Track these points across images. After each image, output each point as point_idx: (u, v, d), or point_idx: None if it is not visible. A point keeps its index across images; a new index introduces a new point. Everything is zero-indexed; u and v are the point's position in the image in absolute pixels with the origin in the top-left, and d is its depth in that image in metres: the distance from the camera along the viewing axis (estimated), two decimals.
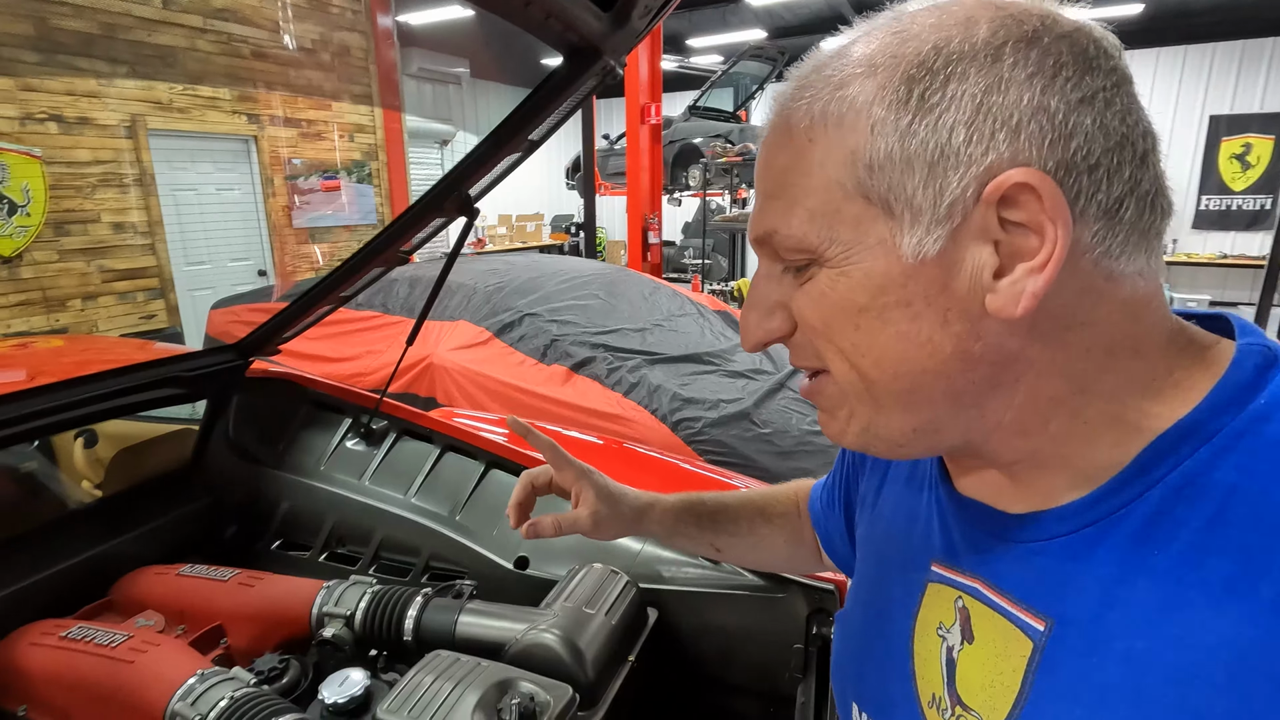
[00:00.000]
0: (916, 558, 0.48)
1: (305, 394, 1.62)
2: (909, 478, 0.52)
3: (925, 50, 0.35)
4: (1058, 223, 0.33)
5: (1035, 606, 0.39)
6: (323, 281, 1.38)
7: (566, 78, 0.99)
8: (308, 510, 1.52)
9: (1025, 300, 0.34)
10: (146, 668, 0.95)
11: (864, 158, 0.36)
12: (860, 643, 0.53)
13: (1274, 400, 0.34)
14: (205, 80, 5.40)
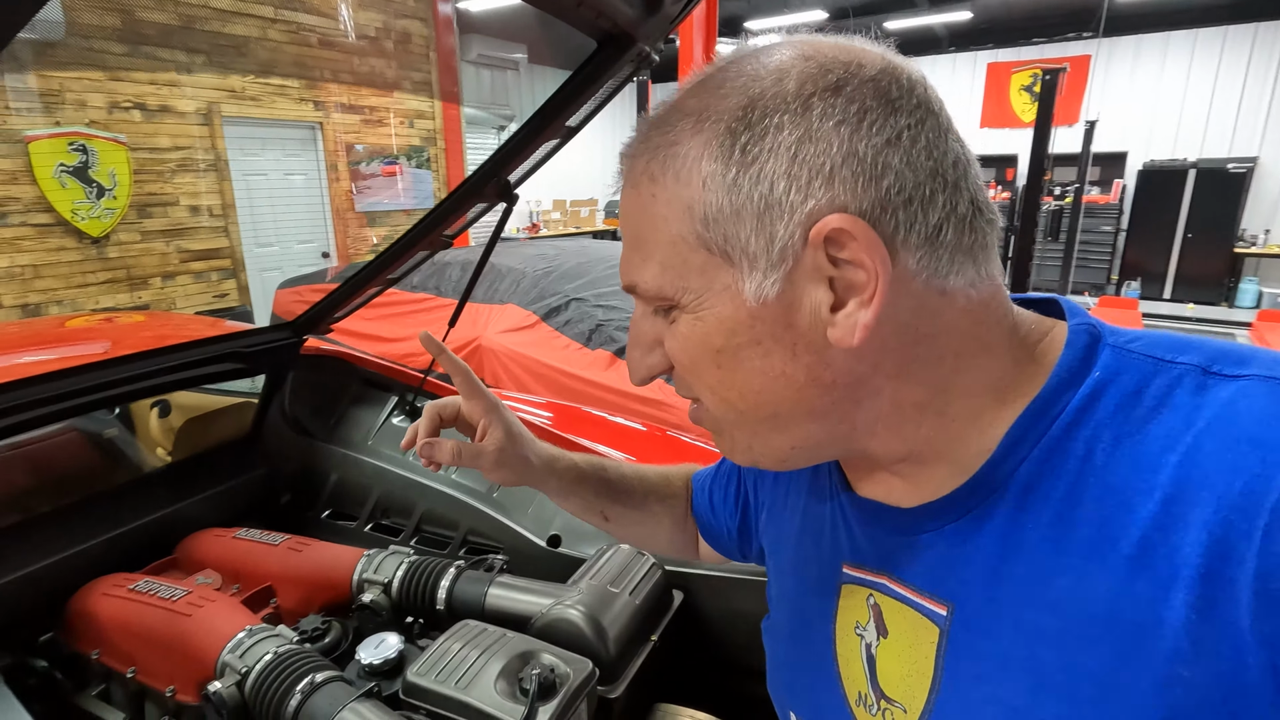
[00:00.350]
0: (829, 563, 0.50)
1: (355, 372, 1.69)
2: (811, 488, 0.54)
3: (742, 103, 0.37)
4: (875, 259, 0.35)
5: (936, 593, 0.41)
6: (371, 264, 1.44)
7: (600, 65, 1.00)
8: (355, 482, 1.59)
9: (859, 331, 0.37)
10: (202, 621, 1.03)
11: (699, 212, 0.38)
12: (788, 651, 0.55)
13: (1105, 374, 0.38)
14: (275, 69, 5.63)
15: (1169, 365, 0.37)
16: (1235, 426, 0.33)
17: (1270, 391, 0.34)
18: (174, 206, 5.27)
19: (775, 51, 0.38)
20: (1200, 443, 0.33)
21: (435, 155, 7.09)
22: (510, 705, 0.88)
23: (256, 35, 5.40)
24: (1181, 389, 0.36)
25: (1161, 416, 0.35)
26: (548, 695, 0.89)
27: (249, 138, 5.71)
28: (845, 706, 0.48)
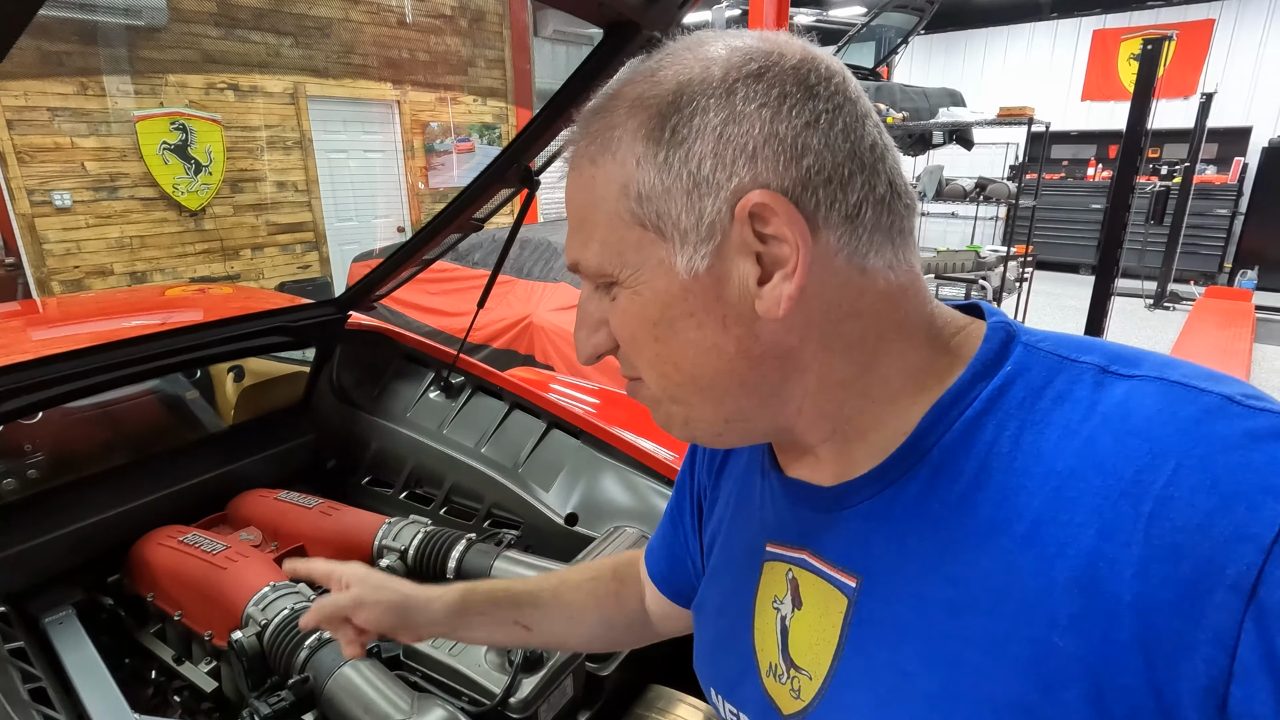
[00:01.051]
0: (754, 542, 0.52)
1: (397, 348, 1.78)
2: (744, 473, 0.56)
3: (671, 90, 0.39)
4: (796, 233, 0.37)
5: (848, 566, 0.44)
6: (406, 245, 1.50)
7: (610, 52, 1.00)
8: (393, 452, 1.68)
9: (784, 303, 0.38)
10: (234, 574, 1.12)
11: (633, 190, 0.40)
12: (713, 628, 0.57)
13: (1016, 368, 0.40)
14: (357, 49, 5.84)
15: (1072, 364, 0.39)
16: (1127, 421, 0.35)
17: (1159, 391, 0.36)
18: (262, 182, 5.60)
19: (705, 44, 0.41)
20: (1095, 434, 0.36)
21: (507, 133, 7.22)
22: (496, 675, 0.92)
23: (339, 16, 5.62)
24: (1081, 385, 0.38)
25: (1062, 409, 0.38)
26: (533, 668, 0.93)
27: (331, 117, 5.98)
28: (757, 678, 0.50)
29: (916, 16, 7.55)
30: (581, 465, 1.49)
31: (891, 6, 7.28)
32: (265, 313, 1.51)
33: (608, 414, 1.87)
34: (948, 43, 10.78)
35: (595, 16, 0.93)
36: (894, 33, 7.95)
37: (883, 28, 7.79)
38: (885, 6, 7.23)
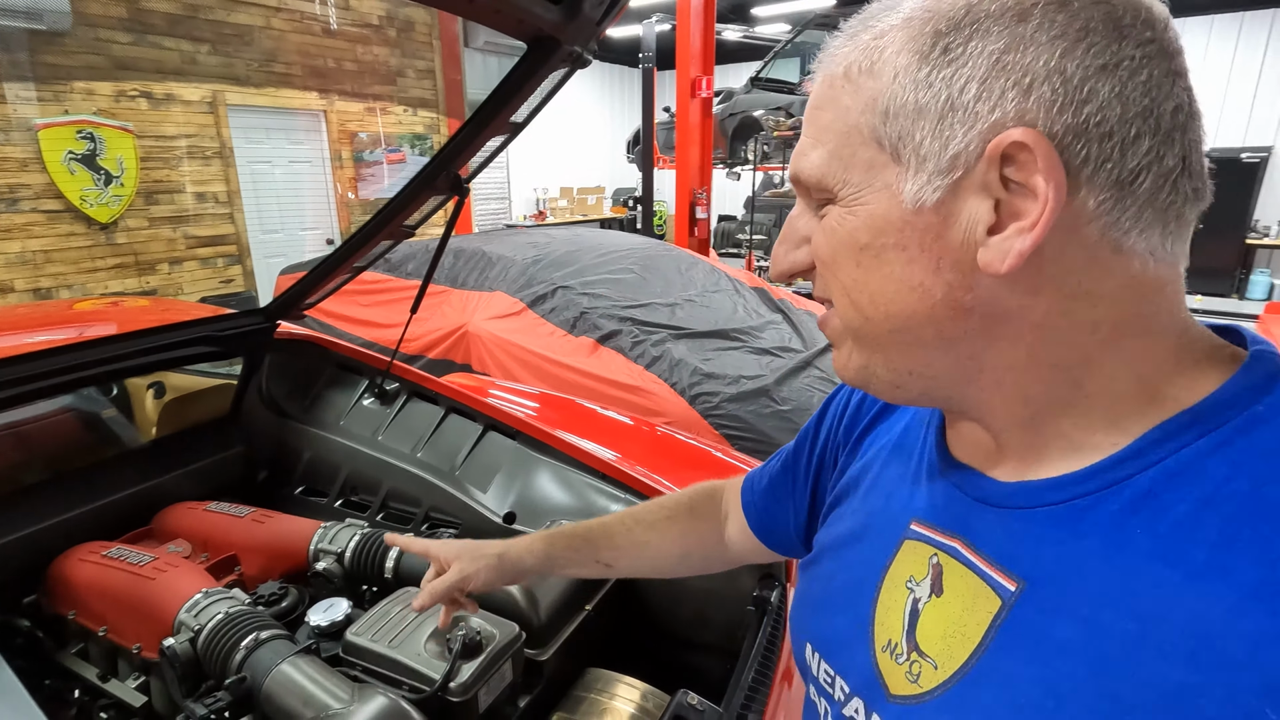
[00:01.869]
0: (897, 516, 0.50)
1: (329, 355, 1.77)
2: (900, 442, 0.54)
3: (959, 6, 0.36)
4: (1050, 184, 0.34)
5: (1010, 569, 0.40)
6: (336, 253, 1.50)
7: (532, 65, 1.05)
8: (326, 460, 1.67)
9: (1011, 258, 0.35)
10: (164, 583, 1.11)
11: (882, 104, 0.38)
12: (824, 588, 0.56)
13: (1276, 406, 0.35)
14: (279, 57, 5.70)
15: None
16: None
17: None
18: (180, 193, 5.38)
19: None
20: None
21: (439, 143, 7.16)
22: (436, 663, 0.95)
23: (260, 24, 5.48)
24: None
25: None
26: (472, 654, 0.96)
27: (253, 126, 5.81)
28: (870, 650, 0.48)
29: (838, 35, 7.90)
30: (519, 465, 1.53)
31: (814, 25, 7.62)
32: (190, 322, 1.48)
33: (546, 417, 1.91)
34: None
35: (516, 32, 0.98)
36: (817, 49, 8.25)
37: (806, 45, 8.12)
38: (808, 24, 7.55)
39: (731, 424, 2.64)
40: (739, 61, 11.71)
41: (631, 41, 9.79)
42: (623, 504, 1.38)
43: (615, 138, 13.06)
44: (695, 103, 5.17)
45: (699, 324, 3.13)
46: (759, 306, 3.57)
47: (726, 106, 7.71)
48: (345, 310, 3.62)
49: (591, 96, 12.59)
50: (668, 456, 1.75)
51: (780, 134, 5.63)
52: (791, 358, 3.05)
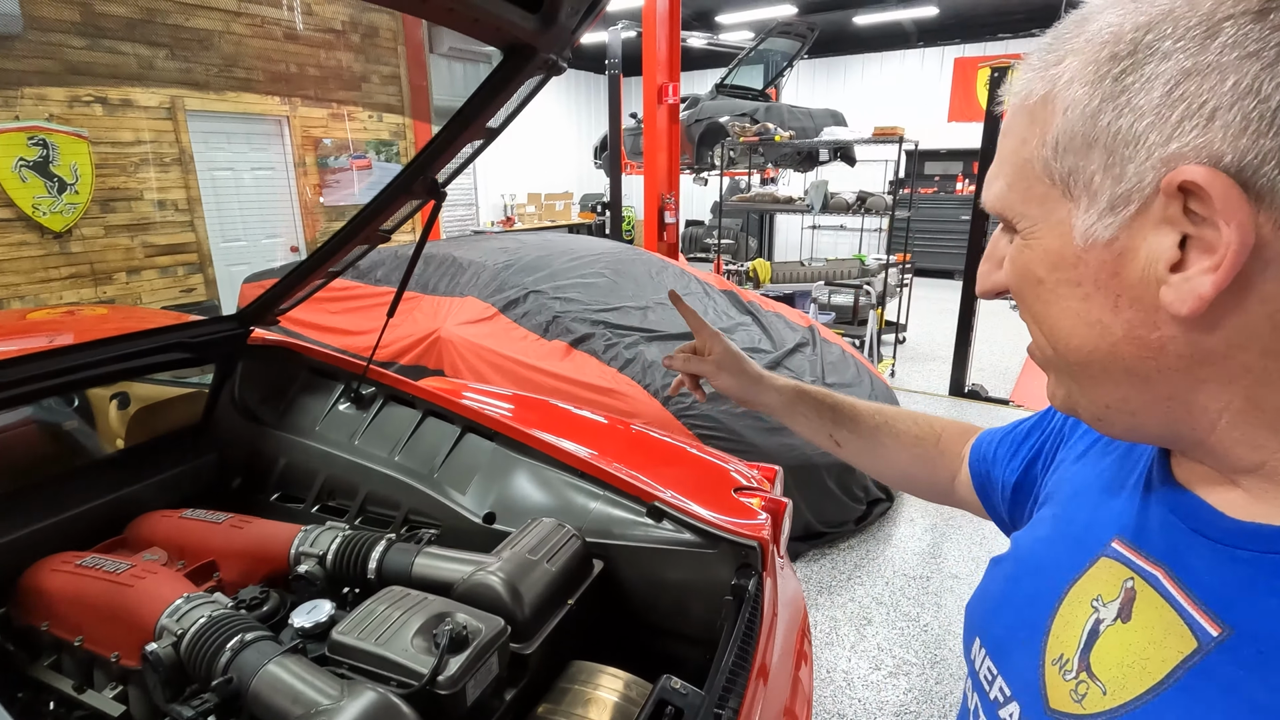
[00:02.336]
0: (1098, 529, 0.47)
1: (303, 361, 1.76)
2: (1123, 454, 0.51)
3: (1140, 25, 0.34)
4: (1231, 225, 0.31)
5: (1217, 612, 0.37)
6: (311, 258, 1.51)
7: (509, 72, 1.08)
8: (303, 466, 1.67)
9: (1191, 301, 0.33)
10: (143, 590, 1.10)
11: (1053, 139, 0.37)
12: (1005, 587, 0.54)
13: None
14: (240, 63, 5.61)
15: None
16: None
17: None
18: (138, 201, 5.25)
19: None
20: None
21: (405, 149, 7.10)
22: (424, 658, 0.96)
23: (220, 29, 5.39)
24: None
25: None
26: (459, 648, 0.98)
27: (214, 132, 5.70)
28: (1039, 660, 0.46)
29: (799, 42, 8.07)
30: (497, 466, 1.54)
31: (776, 32, 7.76)
32: (164, 329, 1.47)
33: (522, 418, 1.92)
34: (829, 67, 11.54)
35: (494, 40, 1.01)
36: (780, 57, 8.45)
37: (769, 52, 8.27)
38: (771, 32, 7.69)
39: (705, 424, 2.68)
40: (704, 68, 11.85)
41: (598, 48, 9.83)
42: (603, 501, 1.41)
43: (582, 144, 13.09)
44: (662, 109, 5.24)
45: (670, 326, 3.18)
46: (729, 309, 3.64)
47: (693, 113, 7.80)
48: (314, 318, 3.59)
49: (558, 102, 12.61)
50: (644, 453, 1.79)
51: (746, 140, 5.73)
52: (761, 358, 3.11)
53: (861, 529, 3.10)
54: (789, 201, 5.90)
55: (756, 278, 5.82)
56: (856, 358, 3.67)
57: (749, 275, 5.79)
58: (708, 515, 1.30)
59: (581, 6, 0.99)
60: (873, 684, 2.25)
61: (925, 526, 3.21)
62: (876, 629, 2.50)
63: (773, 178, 8.65)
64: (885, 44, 10.90)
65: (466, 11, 0.88)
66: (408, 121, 7.03)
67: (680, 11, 5.26)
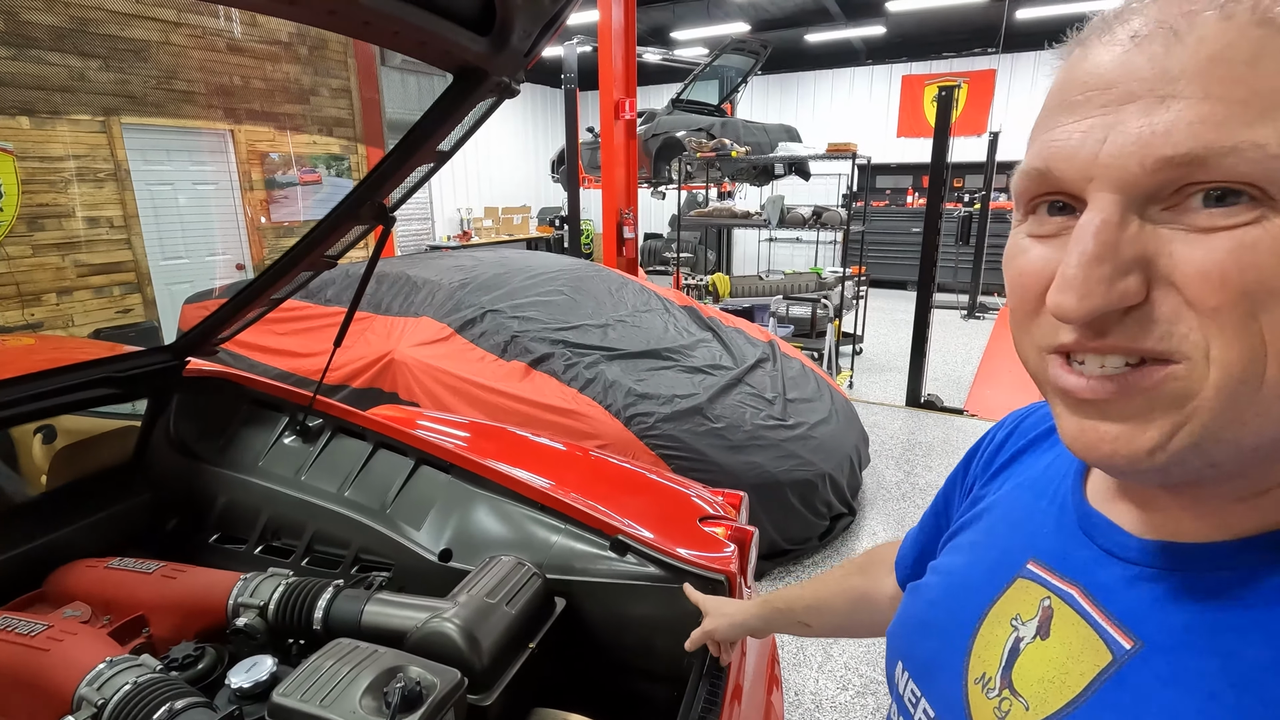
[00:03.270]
0: (1014, 553, 0.49)
1: (244, 392, 1.67)
2: (1036, 481, 0.52)
3: None
4: None
5: (1129, 627, 0.38)
6: (253, 284, 1.43)
7: (459, 95, 1.04)
8: (244, 505, 1.57)
9: None
10: (60, 655, 1.01)
11: None
12: (926, 611, 0.55)
13: None
14: (180, 75, 5.41)
15: None
16: None
17: None
18: (69, 218, 4.99)
19: None
20: None
21: (357, 163, 6.95)
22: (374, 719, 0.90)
23: (158, 39, 5.18)
24: None
25: None
26: (412, 707, 0.91)
27: (153, 147, 5.47)
28: (962, 680, 0.47)
29: (753, 58, 8.20)
30: (453, 500, 1.48)
31: (730, 49, 7.87)
32: (89, 363, 1.37)
33: (478, 447, 1.86)
34: (782, 83, 11.76)
35: (443, 63, 0.97)
36: (734, 73, 8.57)
37: (724, 68, 8.38)
38: (725, 49, 7.79)
39: (667, 444, 2.65)
40: (660, 83, 11.94)
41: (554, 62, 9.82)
42: (564, 535, 1.36)
43: (539, 157, 13.03)
44: (619, 124, 5.23)
45: (631, 344, 3.15)
46: (689, 325, 3.63)
47: (649, 127, 7.84)
48: (260, 340, 3.45)
49: (515, 116, 12.55)
50: (606, 482, 1.74)
51: (703, 155, 5.77)
52: (723, 375, 3.11)
53: (825, 544, 3.10)
54: (747, 216, 5.95)
55: (716, 292, 5.84)
56: (816, 371, 3.70)
57: (708, 290, 5.81)
58: (673, 548, 1.26)
59: (534, 29, 0.95)
60: (841, 705, 2.24)
61: (886, 539, 3.23)
62: (843, 647, 2.50)
63: (730, 191, 8.74)
64: (836, 61, 11.17)
65: (413, 35, 0.84)
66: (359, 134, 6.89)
67: (636, 28, 5.27)
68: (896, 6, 8.47)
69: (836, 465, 3.04)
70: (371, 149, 6.96)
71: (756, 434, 2.82)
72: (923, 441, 4.44)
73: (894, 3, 8.39)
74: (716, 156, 5.66)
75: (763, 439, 2.82)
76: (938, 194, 4.64)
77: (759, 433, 2.83)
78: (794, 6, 9.10)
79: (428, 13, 0.80)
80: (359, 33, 0.82)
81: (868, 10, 9.03)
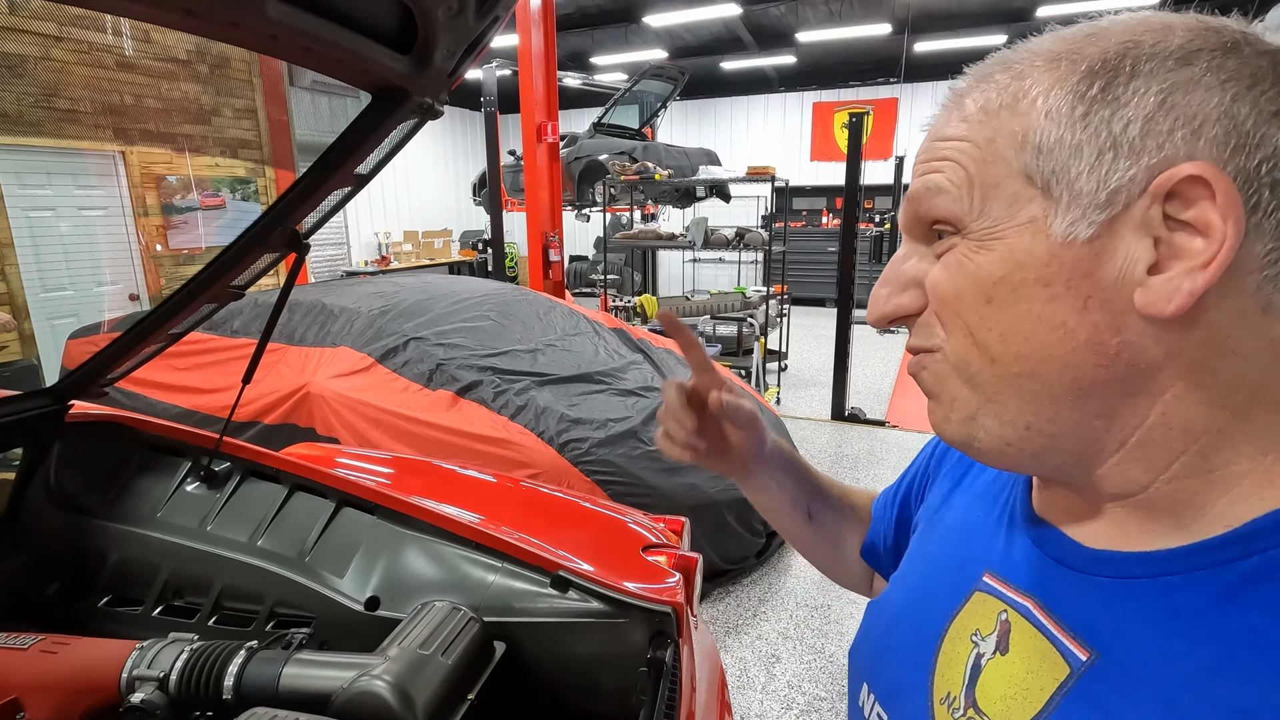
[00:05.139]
0: (969, 565, 0.49)
1: (138, 436, 1.52)
2: (985, 490, 0.53)
3: (1113, 49, 0.35)
4: (1229, 220, 0.32)
5: (1084, 638, 0.39)
6: (148, 318, 1.30)
7: (378, 116, 0.98)
8: (140, 562, 1.42)
9: (1180, 298, 0.33)
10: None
11: (1034, 140, 0.37)
12: (887, 630, 0.55)
13: None
14: (63, 92, 5.01)
15: None
16: None
17: None
18: None
19: (1163, 16, 0.36)
20: None
21: (265, 186, 6.61)
22: None
23: (37, 54, 4.78)
24: None
25: None
26: None
27: (29, 169, 5.02)
28: (927, 701, 0.47)
29: (672, 84, 8.38)
30: (380, 543, 1.39)
31: (649, 75, 8.01)
32: None
33: (405, 484, 1.76)
34: (701, 109, 12.07)
35: (360, 81, 0.91)
36: (654, 98, 8.73)
37: (644, 93, 8.52)
38: (644, 75, 7.93)
39: (603, 469, 2.61)
40: (581, 107, 12.02)
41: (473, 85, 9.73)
42: (502, 573, 1.30)
43: (460, 180, 12.83)
44: (542, 148, 5.21)
45: (562, 369, 3.10)
46: (620, 347, 3.61)
47: (571, 150, 7.85)
48: (158, 376, 3.19)
49: (435, 138, 12.33)
50: (542, 514, 1.68)
51: (626, 178, 5.81)
52: (656, 397, 3.10)
53: (763, 561, 3.12)
54: (672, 238, 6.02)
55: (644, 313, 5.86)
56: (746, 389, 3.75)
57: (636, 311, 5.82)
58: (617, 581, 1.22)
59: (458, 49, 0.91)
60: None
61: None
62: (785, 666, 2.50)
63: (654, 213, 8.85)
64: (751, 88, 11.57)
65: (327, 51, 0.78)
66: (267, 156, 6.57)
67: (556, 52, 5.29)
68: (805, 37, 8.87)
69: None
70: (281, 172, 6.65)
71: None
72: (849, 454, 4.57)
73: (803, 33, 8.78)
74: (640, 179, 5.71)
75: None
76: (853, 215, 4.84)
77: None
78: (709, 35, 9.38)
79: (343, 28, 0.75)
80: (267, 48, 0.76)
81: (779, 40, 9.41)
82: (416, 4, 0.78)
